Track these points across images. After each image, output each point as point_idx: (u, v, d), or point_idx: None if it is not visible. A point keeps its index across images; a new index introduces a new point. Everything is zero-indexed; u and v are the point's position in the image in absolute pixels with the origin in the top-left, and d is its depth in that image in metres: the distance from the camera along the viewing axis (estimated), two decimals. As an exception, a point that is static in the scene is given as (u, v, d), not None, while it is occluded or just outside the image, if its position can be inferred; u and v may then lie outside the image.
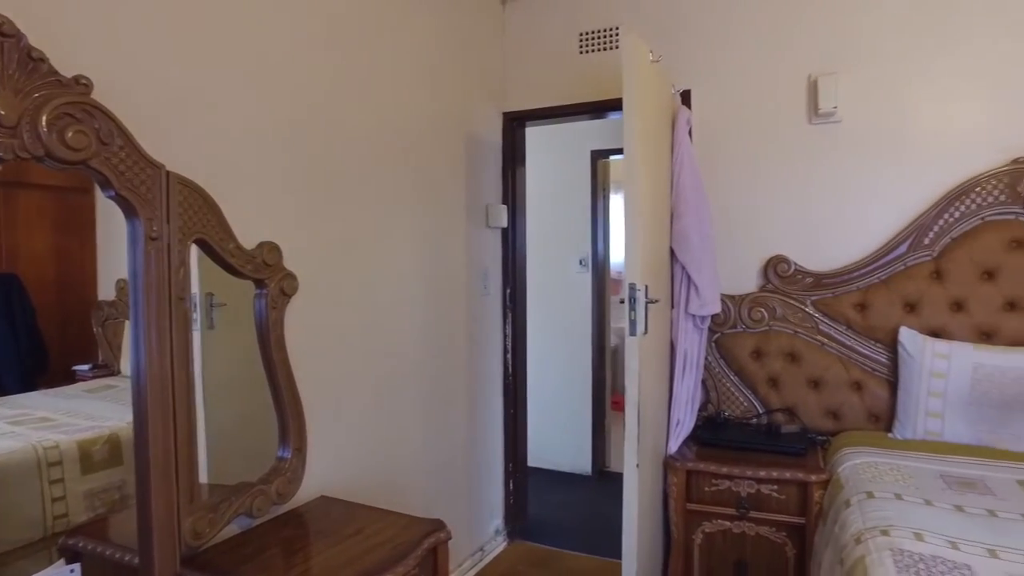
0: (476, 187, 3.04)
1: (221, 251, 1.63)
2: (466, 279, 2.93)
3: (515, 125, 3.30)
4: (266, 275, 1.79)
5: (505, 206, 3.22)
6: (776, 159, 2.78)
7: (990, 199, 2.44)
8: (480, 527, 3.12)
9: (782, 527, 2.37)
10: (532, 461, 4.05)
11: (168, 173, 1.45)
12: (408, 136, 2.50)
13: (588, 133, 4.19)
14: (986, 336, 2.43)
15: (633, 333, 2.05)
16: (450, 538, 1.81)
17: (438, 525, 1.80)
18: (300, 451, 1.87)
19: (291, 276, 1.87)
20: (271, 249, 1.80)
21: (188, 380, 1.50)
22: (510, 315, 3.26)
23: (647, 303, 2.12)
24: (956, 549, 1.60)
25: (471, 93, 3.01)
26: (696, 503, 2.47)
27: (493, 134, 3.22)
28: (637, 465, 2.09)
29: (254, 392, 1.82)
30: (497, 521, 3.28)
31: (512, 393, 3.28)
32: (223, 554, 1.58)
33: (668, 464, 2.49)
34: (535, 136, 3.77)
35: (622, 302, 2.13)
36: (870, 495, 1.94)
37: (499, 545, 3.25)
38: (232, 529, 1.69)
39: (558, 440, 4.34)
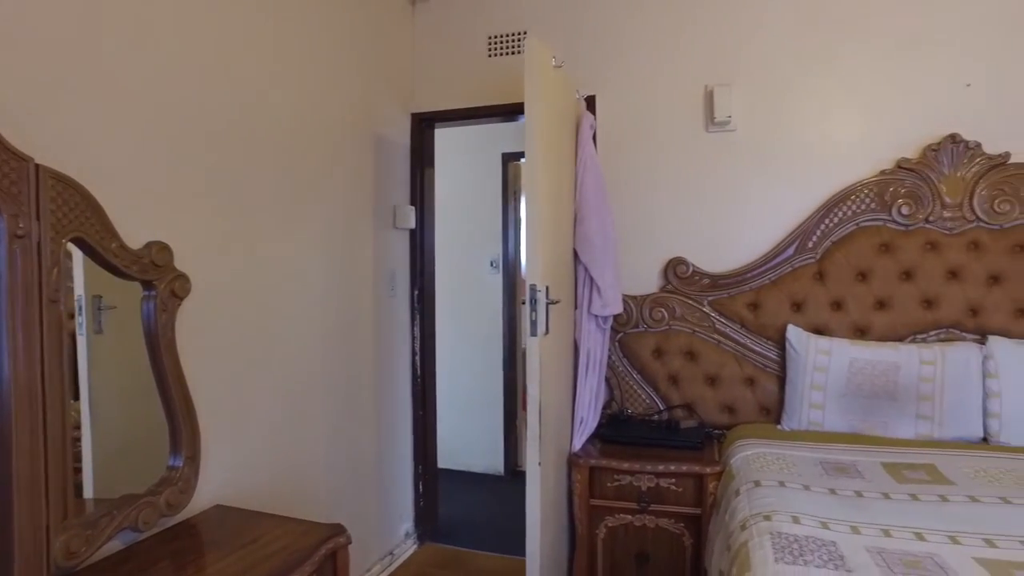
0: (383, 188, 3.01)
1: (102, 251, 1.54)
2: (372, 281, 2.90)
3: (424, 126, 3.29)
4: (155, 276, 1.71)
5: (413, 207, 3.20)
6: (676, 165, 2.90)
7: (863, 206, 2.63)
8: (390, 530, 3.09)
9: (680, 518, 2.47)
10: (444, 463, 4.06)
11: (38, 167, 1.36)
12: (312, 134, 2.45)
13: (500, 135, 4.23)
14: (861, 332, 2.62)
15: (534, 334, 2.09)
16: (350, 543, 1.78)
17: (337, 530, 1.77)
18: (193, 459, 1.80)
19: (183, 277, 1.79)
20: (160, 249, 1.72)
21: (62, 388, 1.41)
22: (418, 317, 3.25)
23: (548, 304, 2.17)
24: (826, 528, 1.72)
25: (379, 92, 2.98)
26: (599, 499, 2.53)
27: (401, 135, 3.20)
28: (539, 463, 2.13)
29: (147, 399, 1.74)
30: (407, 524, 3.25)
31: (421, 395, 3.27)
32: (101, 573, 1.50)
33: (572, 462, 2.55)
34: (446, 137, 3.78)
35: (523, 303, 2.16)
36: (757, 484, 2.06)
37: (409, 548, 3.23)
38: (115, 545, 1.61)
39: (471, 441, 4.36)
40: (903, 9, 2.65)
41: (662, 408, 2.82)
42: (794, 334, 2.61)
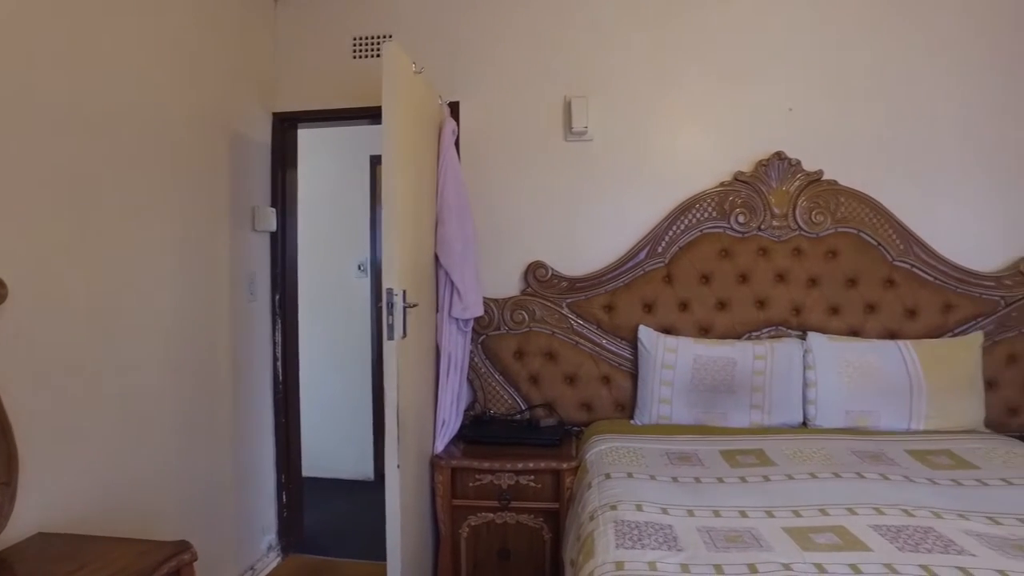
0: (241, 188, 2.90)
1: None
2: (229, 285, 2.78)
3: (286, 126, 3.20)
4: (-39, 281, 1.55)
5: (274, 209, 3.10)
6: (536, 171, 3.00)
7: (706, 214, 2.85)
8: (250, 544, 2.97)
9: (539, 514, 2.56)
10: (311, 471, 3.94)
11: None
12: (160, 129, 2.32)
13: (367, 138, 4.17)
14: (704, 331, 2.83)
15: (391, 337, 2.09)
16: (195, 559, 1.70)
17: (181, 547, 1.69)
18: (8, 485, 1.64)
19: (-2, 283, 1.64)
20: (-32, 252, 1.57)
21: None
22: (280, 322, 3.15)
23: (405, 307, 2.18)
24: (666, 514, 1.86)
25: (237, 90, 2.87)
26: (462, 498, 2.58)
27: (262, 134, 3.09)
28: (398, 466, 2.14)
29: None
30: (270, 536, 3.14)
31: (283, 402, 3.17)
32: None
33: (434, 463, 2.57)
34: (312, 139, 3.69)
35: (380, 307, 2.17)
36: (607, 476, 2.17)
37: (272, 561, 3.12)
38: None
39: (339, 447, 4.27)
40: (737, 41, 2.91)
41: (524, 408, 2.90)
42: (645, 334, 2.78)
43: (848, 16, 2.89)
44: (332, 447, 4.25)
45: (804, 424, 2.67)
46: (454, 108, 3.00)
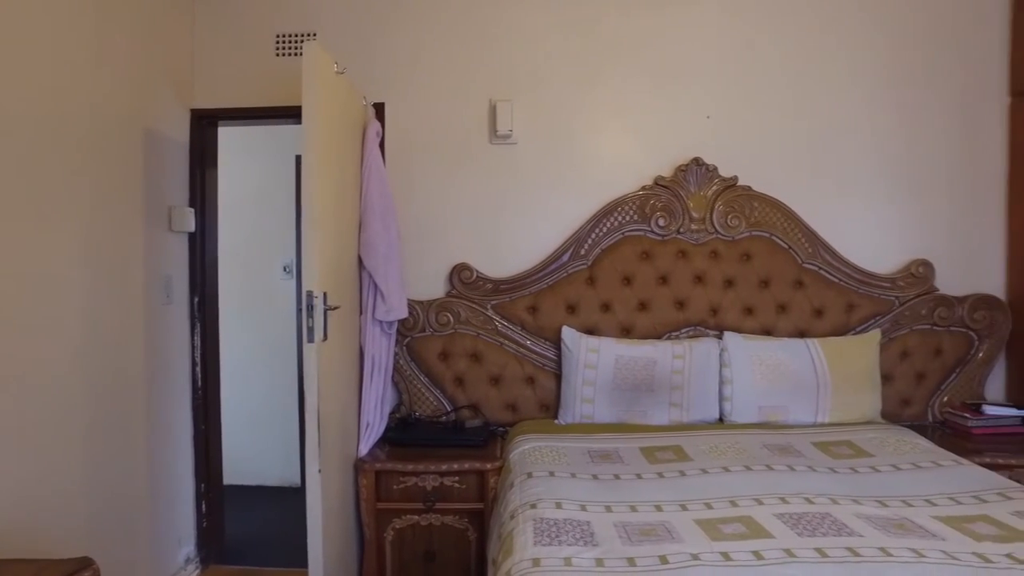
0: (157, 188, 2.79)
1: None
2: (144, 288, 2.68)
3: (205, 124, 3.10)
4: None
5: (192, 209, 3.01)
6: (462, 174, 3.02)
7: (628, 217, 2.93)
8: (166, 556, 2.86)
9: (464, 514, 2.57)
10: (234, 479, 3.84)
11: None
12: (66, 125, 2.21)
13: (294, 138, 4.07)
14: (626, 331, 2.91)
15: (311, 340, 2.07)
16: (98, 574, 1.64)
17: (83, 563, 1.62)
18: None
19: None
20: None
21: None
22: (199, 325, 3.05)
23: (326, 310, 2.16)
24: (584, 511, 1.90)
25: (150, 84, 2.76)
26: (386, 502, 2.56)
27: (179, 132, 3.00)
28: (319, 471, 2.11)
29: None
30: (188, 548, 3.04)
31: (203, 409, 3.07)
32: None
33: (358, 467, 2.55)
34: (235, 137, 3.59)
35: (300, 310, 2.14)
36: (529, 475, 2.20)
37: (191, 573, 3.02)
38: None
39: (264, 453, 4.17)
40: (659, 49, 3.02)
41: (449, 409, 2.91)
42: (568, 334, 2.83)
43: (764, 32, 3.03)
44: (257, 453, 4.14)
45: (720, 420, 2.78)
46: (379, 109, 2.99)
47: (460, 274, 2.93)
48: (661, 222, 2.92)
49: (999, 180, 3.08)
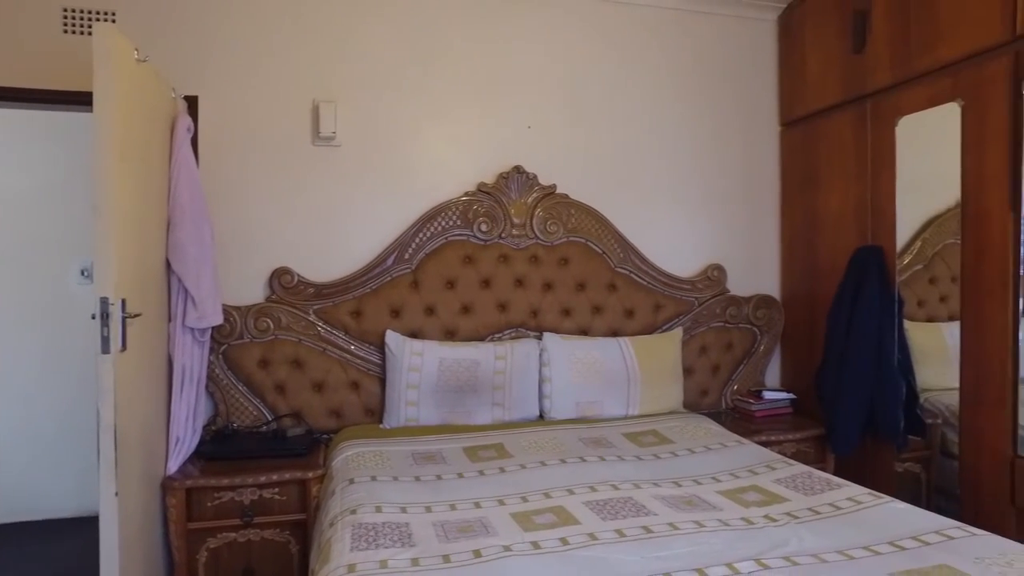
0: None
1: None
2: None
3: (-30, 106, 2.72)
4: None
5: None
6: (283, 175, 2.91)
7: (451, 222, 2.99)
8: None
9: (286, 527, 2.47)
10: (14, 516, 3.41)
11: None
12: None
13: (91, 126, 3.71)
14: (450, 334, 2.97)
15: (107, 351, 1.90)
16: None
17: None
18: None
19: None
20: None
21: None
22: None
23: (125, 318, 1.99)
24: (404, 513, 1.92)
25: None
26: (199, 520, 2.40)
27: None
28: (116, 494, 1.94)
29: None
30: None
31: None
32: None
33: (166, 486, 2.37)
34: (18, 123, 3.19)
35: (93, 317, 1.95)
36: (351, 481, 2.18)
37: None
38: None
39: (59, 482, 3.71)
40: (484, 59, 3.11)
41: (270, 418, 2.80)
42: (392, 338, 2.83)
43: (581, 51, 3.25)
44: (45, 483, 3.69)
45: (541, 417, 2.92)
46: (192, 103, 2.79)
47: (281, 278, 2.83)
48: (484, 227, 3.02)
49: (774, 196, 3.54)
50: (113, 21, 2.77)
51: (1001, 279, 2.34)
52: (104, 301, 1.90)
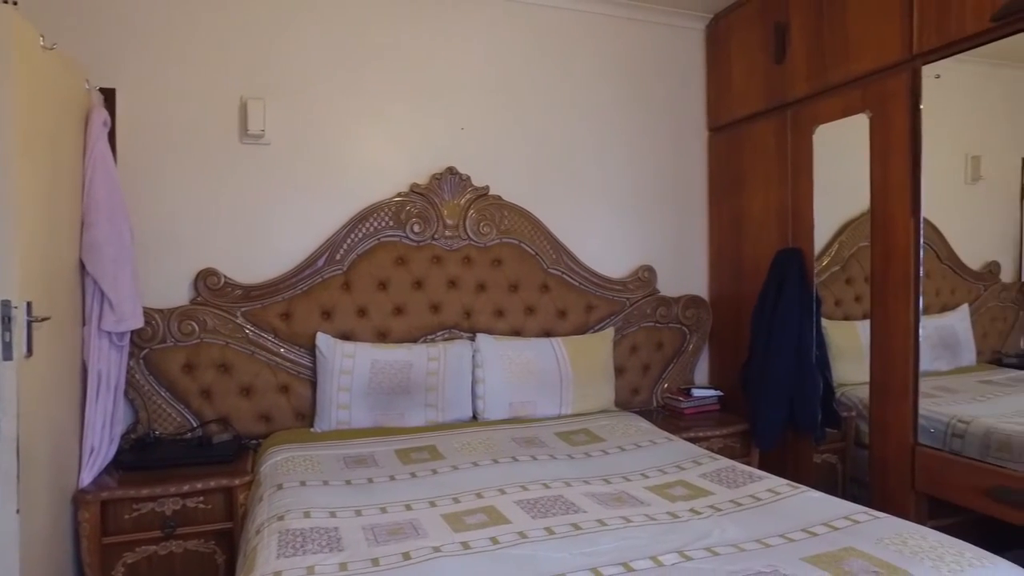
0: None
1: None
2: None
3: None
4: None
5: None
6: (210, 173, 2.81)
7: (384, 223, 2.96)
8: None
9: (211, 536, 2.39)
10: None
11: None
12: None
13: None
14: (382, 336, 2.94)
15: (8, 357, 1.78)
16: None
17: None
18: None
19: None
20: None
21: None
22: None
23: (30, 321, 1.88)
24: (334, 517, 1.89)
25: None
26: (116, 535, 2.29)
27: None
28: (17, 511, 1.82)
29: None
30: None
31: None
32: None
33: (78, 499, 2.25)
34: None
35: None
36: (280, 487, 2.13)
37: None
38: None
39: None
40: (417, 61, 3.10)
41: (195, 425, 2.70)
42: (323, 341, 2.78)
43: (515, 55, 3.27)
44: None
45: (475, 418, 2.92)
46: (109, 96, 2.67)
47: (206, 280, 2.73)
48: (416, 228, 3.00)
49: (703, 199, 3.66)
50: (15, 3, 2.61)
51: (904, 280, 2.49)
52: (6, 304, 1.79)
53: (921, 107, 2.44)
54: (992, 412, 2.39)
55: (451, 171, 3.07)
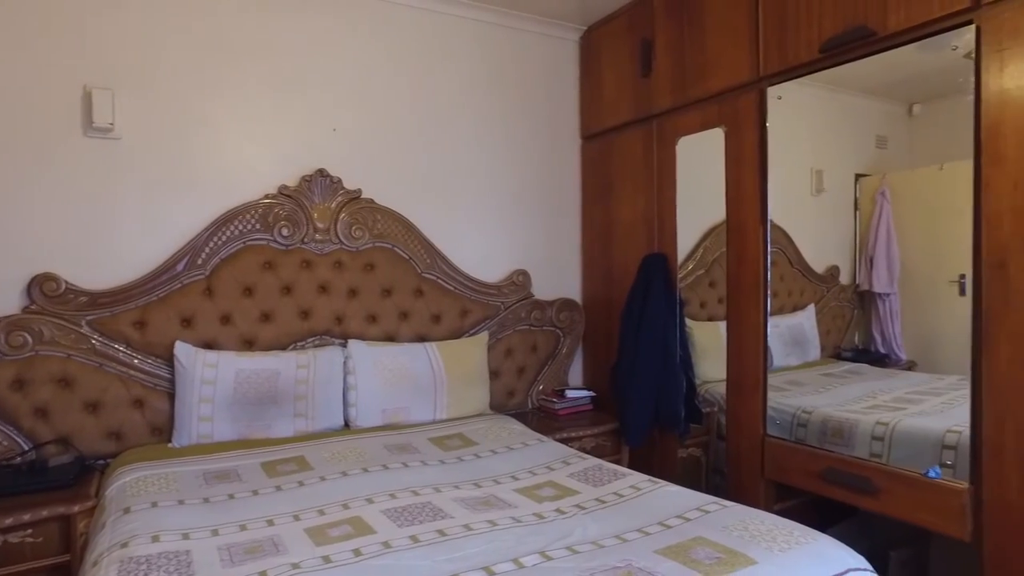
0: None
1: None
2: None
3: None
4: None
5: None
6: (47, 169, 2.56)
7: (250, 226, 2.83)
8: None
9: (43, 573, 2.14)
10: None
11: None
12: None
13: None
14: (248, 344, 2.80)
15: None
16: None
17: None
18: None
19: None
20: None
21: None
22: None
23: None
24: (187, 539, 1.77)
25: None
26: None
27: None
28: None
29: None
30: None
31: None
32: None
33: None
34: None
35: None
36: (127, 510, 1.97)
37: None
38: None
39: None
40: (285, 59, 2.97)
41: (27, 447, 2.45)
42: (182, 350, 2.61)
43: (388, 55, 3.21)
44: None
45: (347, 426, 2.85)
46: (-78, 81, 2.38)
47: (43, 286, 2.48)
48: (285, 232, 2.89)
49: (576, 205, 3.77)
50: None
51: (755, 283, 2.68)
52: None
53: (767, 124, 2.63)
54: (830, 402, 2.63)
55: (321, 173, 2.98)
